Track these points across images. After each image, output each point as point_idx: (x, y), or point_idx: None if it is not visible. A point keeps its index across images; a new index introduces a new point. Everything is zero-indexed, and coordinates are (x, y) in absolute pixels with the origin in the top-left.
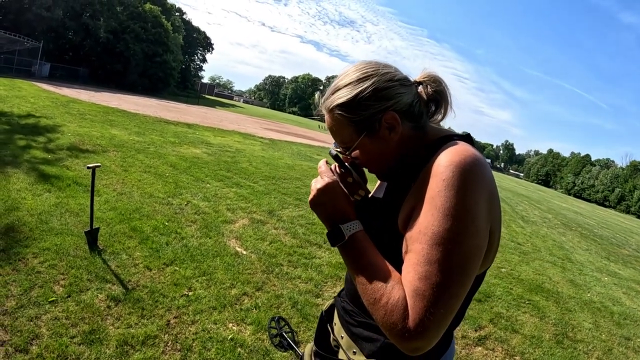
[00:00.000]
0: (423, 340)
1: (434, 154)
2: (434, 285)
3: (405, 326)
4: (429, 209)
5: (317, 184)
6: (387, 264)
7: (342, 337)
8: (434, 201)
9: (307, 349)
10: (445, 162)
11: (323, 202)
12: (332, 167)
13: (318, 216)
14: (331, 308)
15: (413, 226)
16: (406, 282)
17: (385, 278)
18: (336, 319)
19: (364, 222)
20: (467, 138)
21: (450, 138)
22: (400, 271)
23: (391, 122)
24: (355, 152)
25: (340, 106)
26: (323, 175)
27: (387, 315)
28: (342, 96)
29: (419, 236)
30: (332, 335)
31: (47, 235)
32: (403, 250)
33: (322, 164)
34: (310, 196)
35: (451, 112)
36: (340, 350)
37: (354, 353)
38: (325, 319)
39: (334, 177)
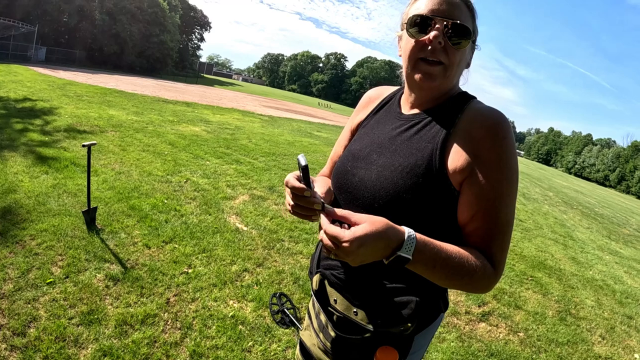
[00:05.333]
0: (500, 276)
1: (465, 105)
2: (505, 234)
3: (495, 277)
4: (498, 168)
5: (349, 254)
6: (452, 245)
7: (355, 313)
8: (501, 160)
9: (306, 337)
10: (499, 121)
11: (367, 254)
12: (291, 197)
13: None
14: (321, 286)
15: (481, 182)
16: (488, 234)
17: (463, 259)
18: (335, 295)
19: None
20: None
21: (470, 95)
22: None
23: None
24: (461, 50)
25: (472, 7)
26: (342, 239)
27: (484, 281)
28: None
29: (492, 193)
30: (336, 315)
31: (44, 216)
32: (468, 198)
33: (324, 229)
34: (351, 261)
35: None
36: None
37: (379, 324)
38: (320, 302)
39: (345, 231)
